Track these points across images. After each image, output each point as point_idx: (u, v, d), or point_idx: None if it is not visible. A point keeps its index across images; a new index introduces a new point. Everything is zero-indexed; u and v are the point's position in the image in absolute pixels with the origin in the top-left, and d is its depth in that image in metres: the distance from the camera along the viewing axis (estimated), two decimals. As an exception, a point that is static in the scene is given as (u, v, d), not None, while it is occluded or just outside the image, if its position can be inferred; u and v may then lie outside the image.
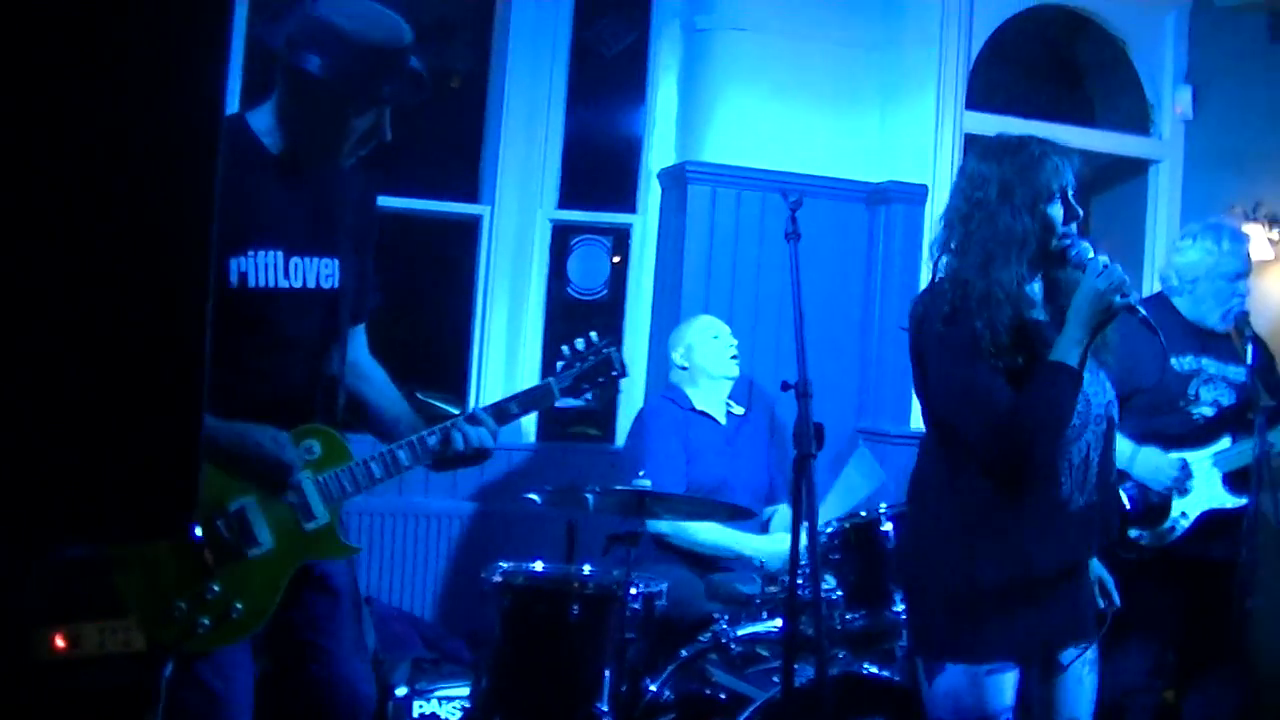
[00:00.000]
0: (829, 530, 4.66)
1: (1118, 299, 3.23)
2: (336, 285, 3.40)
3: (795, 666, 4.41)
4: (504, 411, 3.56)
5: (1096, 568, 3.63)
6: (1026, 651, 3.43)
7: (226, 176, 3.13)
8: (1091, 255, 3.27)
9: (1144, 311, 3.28)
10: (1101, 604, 3.60)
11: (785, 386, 3.46)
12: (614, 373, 3.70)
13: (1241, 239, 5.17)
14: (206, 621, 3.20)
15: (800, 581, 3.65)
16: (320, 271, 3.37)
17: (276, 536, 3.31)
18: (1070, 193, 3.33)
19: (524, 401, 3.61)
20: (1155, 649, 5.02)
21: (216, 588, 3.21)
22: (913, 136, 6.44)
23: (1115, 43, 6.95)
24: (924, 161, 6.41)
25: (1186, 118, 6.81)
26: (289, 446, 3.31)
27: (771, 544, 5.19)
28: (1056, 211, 3.31)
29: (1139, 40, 6.93)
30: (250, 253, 3.24)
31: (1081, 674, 3.53)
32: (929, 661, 3.50)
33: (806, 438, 3.37)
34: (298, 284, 3.32)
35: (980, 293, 3.28)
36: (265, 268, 3.26)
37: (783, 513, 5.53)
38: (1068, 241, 3.33)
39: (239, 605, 3.23)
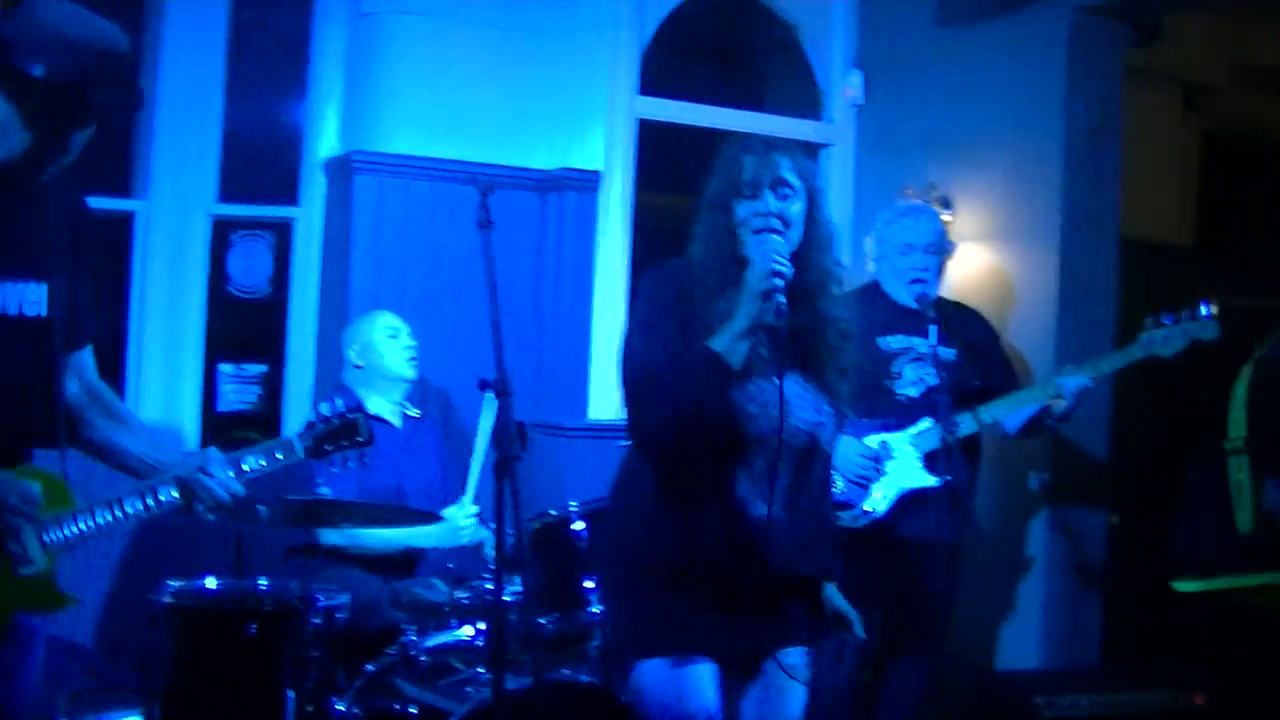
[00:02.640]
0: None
1: (762, 283, 3.18)
2: (44, 313, 3.15)
3: (490, 677, 4.32)
4: (240, 464, 3.40)
5: (836, 600, 3.61)
6: (720, 648, 3.38)
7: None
8: (765, 248, 3.25)
9: (782, 301, 3.20)
10: (849, 638, 3.61)
11: (483, 385, 3.30)
12: (359, 438, 3.63)
13: (912, 213, 5.28)
14: None
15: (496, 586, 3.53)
16: (25, 298, 3.12)
17: None
18: (764, 189, 3.34)
19: (265, 456, 3.47)
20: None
21: None
22: (586, 122, 6.35)
23: (785, 28, 7.01)
24: (597, 148, 6.34)
25: (857, 102, 6.90)
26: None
27: (440, 530, 5.05)
28: (745, 208, 3.34)
29: (809, 25, 6.99)
30: None
31: (783, 683, 3.51)
32: (623, 657, 3.46)
33: (509, 438, 3.21)
34: None
35: (697, 281, 3.32)
36: None
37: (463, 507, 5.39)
38: (751, 235, 3.33)
39: None
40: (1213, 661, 4.56)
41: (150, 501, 3.29)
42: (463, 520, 5.08)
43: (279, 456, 3.51)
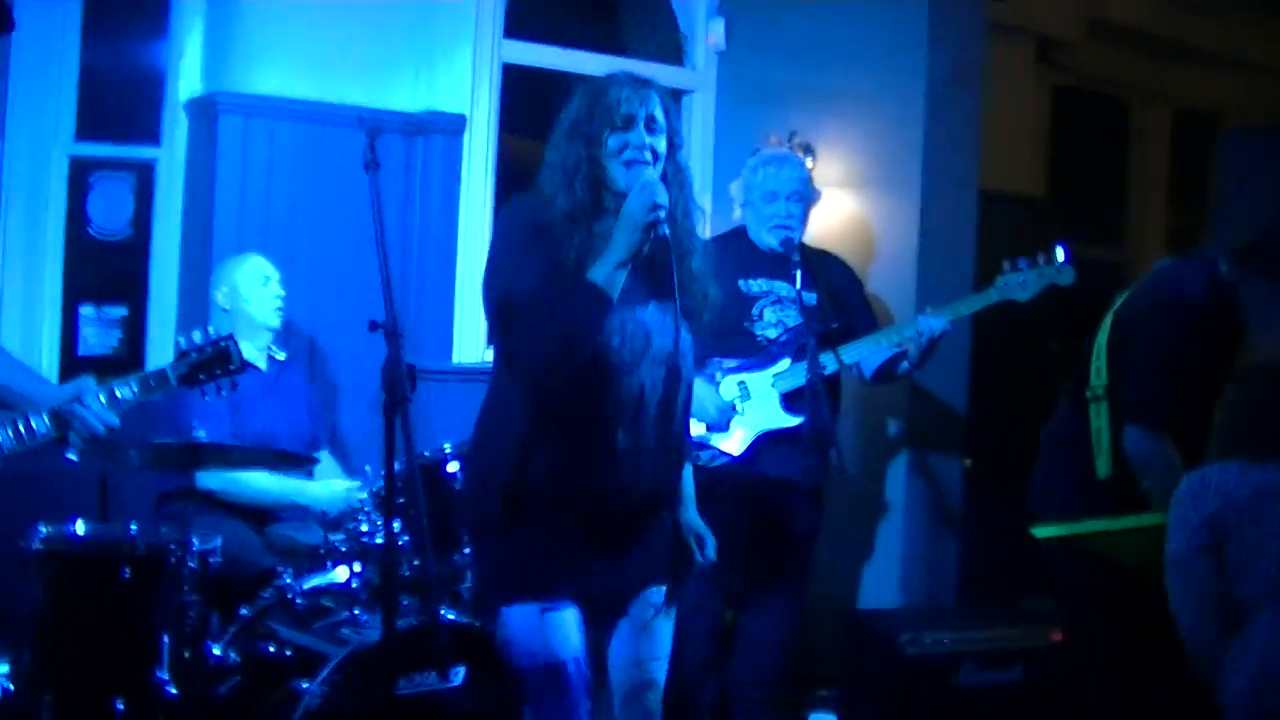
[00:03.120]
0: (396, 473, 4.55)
1: (645, 215, 3.22)
2: None
3: (366, 619, 4.33)
4: (113, 393, 3.36)
5: (694, 522, 3.66)
6: (585, 591, 3.42)
7: None
8: (643, 180, 3.27)
9: (666, 231, 3.27)
10: (699, 558, 3.63)
11: (373, 326, 3.30)
12: (231, 366, 3.67)
13: (776, 161, 5.33)
14: None
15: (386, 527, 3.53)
16: None
17: None
18: (637, 122, 3.37)
19: (139, 385, 3.47)
20: (716, 568, 5.06)
21: None
22: (450, 65, 6.29)
23: (648, -27, 7.01)
24: (463, 91, 6.29)
25: (720, 49, 6.90)
26: None
27: (329, 490, 5.02)
28: (616, 140, 3.36)
29: (672, -29, 6.99)
30: None
31: (649, 620, 3.54)
32: (490, 602, 3.50)
33: (399, 381, 3.22)
34: None
35: (554, 216, 3.34)
36: None
37: (326, 460, 5.39)
38: (622, 166, 3.36)
39: None
40: (1063, 604, 4.68)
41: (23, 432, 3.24)
42: (343, 489, 5.05)
43: (152, 385, 3.52)
